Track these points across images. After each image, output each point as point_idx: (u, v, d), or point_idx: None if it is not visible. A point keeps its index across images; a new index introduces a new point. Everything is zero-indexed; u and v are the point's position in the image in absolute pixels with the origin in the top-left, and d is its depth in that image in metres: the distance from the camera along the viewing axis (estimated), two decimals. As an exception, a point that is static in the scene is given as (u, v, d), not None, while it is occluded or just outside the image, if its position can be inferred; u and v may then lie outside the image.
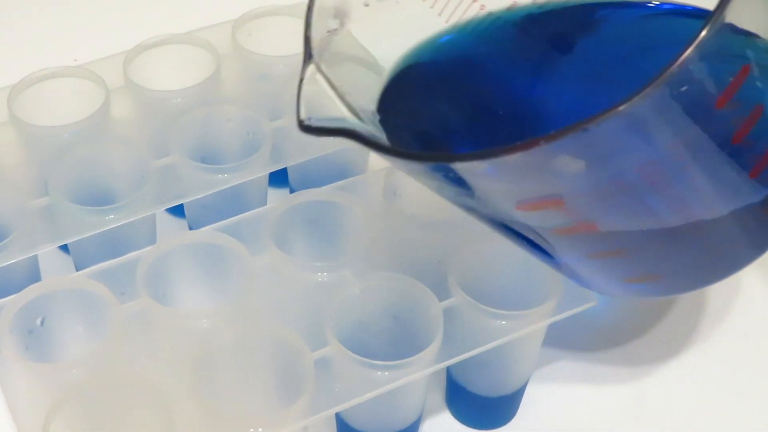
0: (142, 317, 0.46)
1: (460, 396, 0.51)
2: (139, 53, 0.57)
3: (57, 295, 0.46)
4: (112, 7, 0.74)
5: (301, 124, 0.38)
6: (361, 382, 0.44)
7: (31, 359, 0.45)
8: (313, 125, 0.38)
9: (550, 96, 0.45)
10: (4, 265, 0.48)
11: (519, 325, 0.46)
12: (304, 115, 0.38)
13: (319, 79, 0.40)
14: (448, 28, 0.47)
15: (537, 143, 0.31)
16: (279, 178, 0.58)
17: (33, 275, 0.53)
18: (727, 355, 0.54)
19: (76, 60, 0.58)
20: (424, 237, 0.50)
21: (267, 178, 0.56)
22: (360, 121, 0.39)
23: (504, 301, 0.47)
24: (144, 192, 0.51)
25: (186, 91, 0.55)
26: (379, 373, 0.44)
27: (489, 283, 0.48)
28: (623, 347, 0.55)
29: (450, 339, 0.45)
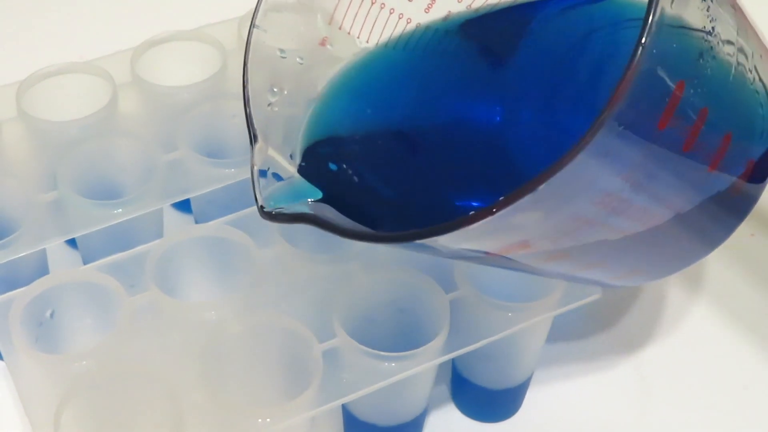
0: (151, 309, 0.46)
1: (465, 389, 0.51)
2: (147, 49, 0.57)
3: (66, 287, 0.46)
4: (119, 3, 0.74)
5: (262, 211, 0.38)
6: (368, 374, 0.44)
7: (42, 351, 0.45)
8: (274, 212, 0.38)
9: (497, 107, 0.44)
10: (13, 258, 0.49)
11: (524, 317, 0.46)
12: (262, 201, 0.38)
13: (272, 154, 0.40)
14: (373, 49, 0.45)
15: (489, 212, 0.30)
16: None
17: (41, 270, 0.53)
18: (728, 341, 0.55)
19: (82, 57, 0.58)
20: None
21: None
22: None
23: (509, 293, 0.47)
24: (151, 186, 0.51)
25: (193, 86, 0.55)
26: (386, 364, 0.44)
27: (494, 275, 0.49)
28: (627, 338, 0.55)
29: (456, 331, 0.46)
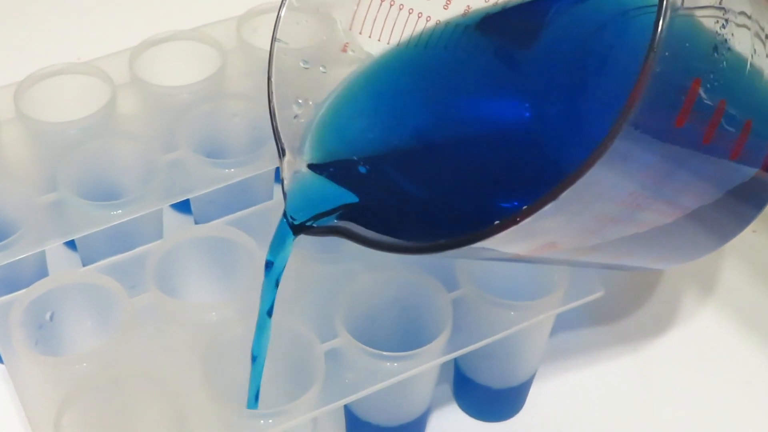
0: (152, 311, 0.46)
1: (467, 388, 0.51)
2: (145, 49, 0.57)
3: (66, 289, 0.46)
4: (116, 3, 0.74)
5: (292, 225, 0.38)
6: (371, 374, 0.44)
7: (42, 354, 0.45)
8: (305, 225, 0.38)
9: (521, 100, 0.44)
10: (12, 260, 0.49)
11: (527, 316, 0.46)
12: (292, 213, 0.38)
13: (301, 166, 0.39)
14: (392, 48, 0.44)
15: (513, 222, 0.30)
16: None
17: (41, 272, 0.53)
18: (730, 337, 0.55)
19: (79, 57, 0.58)
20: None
21: (273, 174, 0.56)
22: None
23: (511, 291, 0.47)
24: (151, 187, 0.51)
25: (192, 86, 0.55)
26: (389, 364, 0.44)
27: (496, 275, 0.49)
28: (630, 336, 0.55)
29: (458, 330, 0.45)
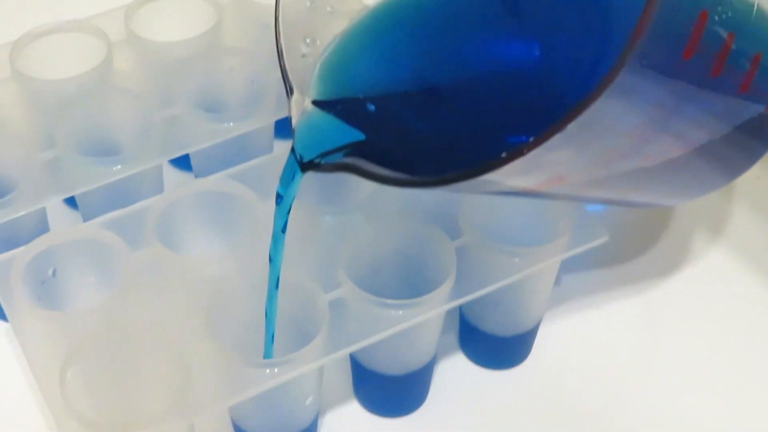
0: (154, 265, 0.46)
1: (473, 336, 0.51)
2: (141, 6, 0.56)
3: (68, 245, 0.46)
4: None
5: (300, 162, 0.38)
6: (375, 322, 0.44)
7: (45, 309, 0.45)
8: (314, 163, 0.38)
9: (528, 35, 0.43)
10: (12, 218, 0.48)
11: (531, 262, 0.46)
12: (300, 151, 0.38)
13: (308, 104, 0.39)
14: None
15: (520, 153, 0.30)
16: (284, 128, 0.57)
17: (42, 230, 0.52)
18: (737, 278, 0.55)
19: (75, 15, 0.57)
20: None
21: (273, 128, 0.55)
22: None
23: (515, 238, 0.47)
24: (150, 142, 0.51)
25: (188, 42, 0.55)
26: (393, 312, 0.44)
27: (500, 222, 0.48)
28: (635, 280, 0.55)
29: (462, 278, 0.45)
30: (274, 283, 0.42)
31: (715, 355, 0.52)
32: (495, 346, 0.51)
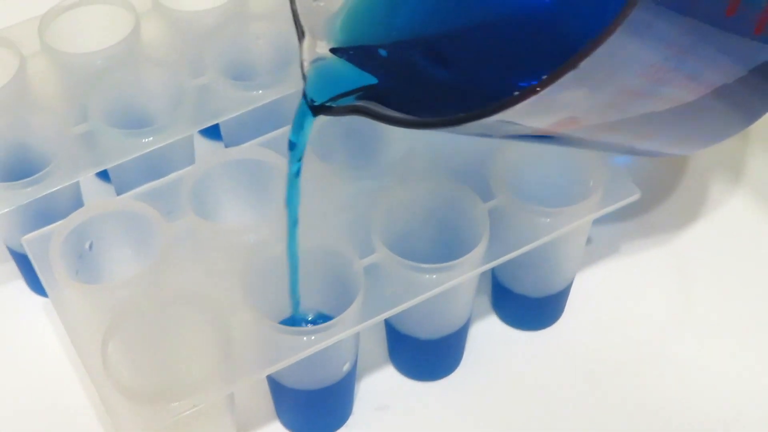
0: (190, 235, 0.46)
1: (506, 298, 0.51)
2: (165, -25, 0.56)
3: (103, 218, 0.46)
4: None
5: (312, 106, 0.39)
6: (410, 287, 0.44)
7: (83, 283, 0.45)
8: (325, 106, 0.38)
9: None
10: (47, 193, 0.49)
11: (563, 222, 0.46)
12: (312, 95, 0.39)
13: (321, 49, 0.39)
14: None
15: (533, 91, 0.30)
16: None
17: (77, 204, 0.53)
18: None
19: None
20: (462, 140, 0.50)
21: (302, 93, 0.55)
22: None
23: (547, 199, 0.47)
24: (181, 112, 0.51)
25: (215, 10, 0.55)
26: (427, 276, 0.44)
27: (531, 182, 0.48)
28: (665, 237, 0.55)
29: (495, 240, 0.45)
30: (293, 225, 0.43)
31: (745, 299, 0.52)
32: (528, 307, 0.51)
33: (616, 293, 0.53)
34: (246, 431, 0.48)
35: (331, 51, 0.40)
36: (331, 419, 0.48)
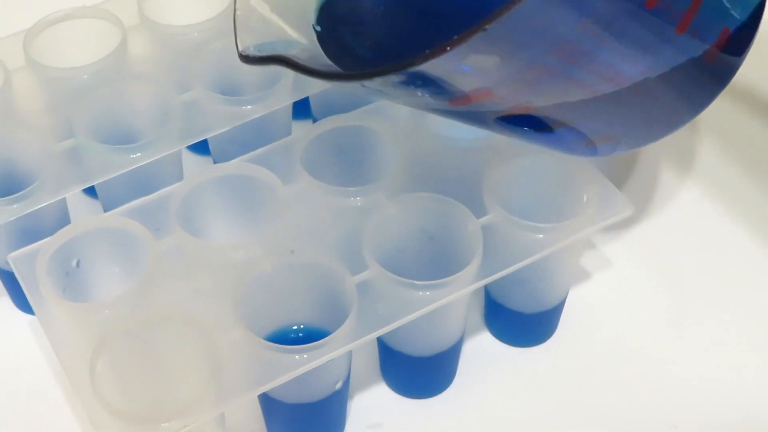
0: (179, 252, 0.46)
1: (499, 314, 0.51)
2: (153, -11, 0.56)
3: (91, 235, 0.46)
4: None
5: (241, 56, 0.39)
6: (403, 304, 0.44)
7: (70, 301, 0.44)
8: (252, 55, 0.39)
9: None
10: (33, 209, 0.48)
11: (557, 238, 0.46)
12: (242, 45, 0.39)
13: (255, 4, 0.40)
14: None
15: (443, 50, 0.31)
16: (302, 110, 0.57)
17: (63, 221, 0.52)
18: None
19: (87, 1, 0.57)
20: (454, 156, 0.49)
21: (291, 109, 0.55)
22: (302, 40, 0.39)
23: (540, 215, 0.46)
24: (168, 128, 0.50)
25: (202, 24, 0.54)
26: (420, 293, 0.43)
27: (523, 200, 0.48)
28: (660, 257, 0.55)
29: (489, 256, 0.45)
30: None
31: (734, 315, 0.52)
32: (522, 323, 0.50)
33: (610, 311, 0.52)
34: (236, 450, 0.48)
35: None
36: (323, 438, 0.48)
